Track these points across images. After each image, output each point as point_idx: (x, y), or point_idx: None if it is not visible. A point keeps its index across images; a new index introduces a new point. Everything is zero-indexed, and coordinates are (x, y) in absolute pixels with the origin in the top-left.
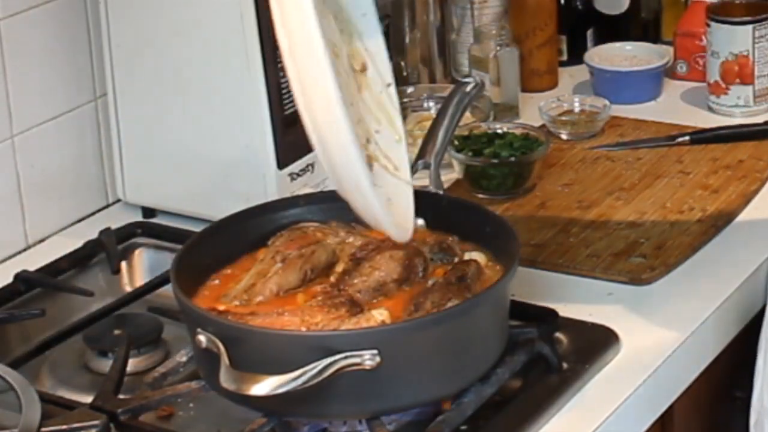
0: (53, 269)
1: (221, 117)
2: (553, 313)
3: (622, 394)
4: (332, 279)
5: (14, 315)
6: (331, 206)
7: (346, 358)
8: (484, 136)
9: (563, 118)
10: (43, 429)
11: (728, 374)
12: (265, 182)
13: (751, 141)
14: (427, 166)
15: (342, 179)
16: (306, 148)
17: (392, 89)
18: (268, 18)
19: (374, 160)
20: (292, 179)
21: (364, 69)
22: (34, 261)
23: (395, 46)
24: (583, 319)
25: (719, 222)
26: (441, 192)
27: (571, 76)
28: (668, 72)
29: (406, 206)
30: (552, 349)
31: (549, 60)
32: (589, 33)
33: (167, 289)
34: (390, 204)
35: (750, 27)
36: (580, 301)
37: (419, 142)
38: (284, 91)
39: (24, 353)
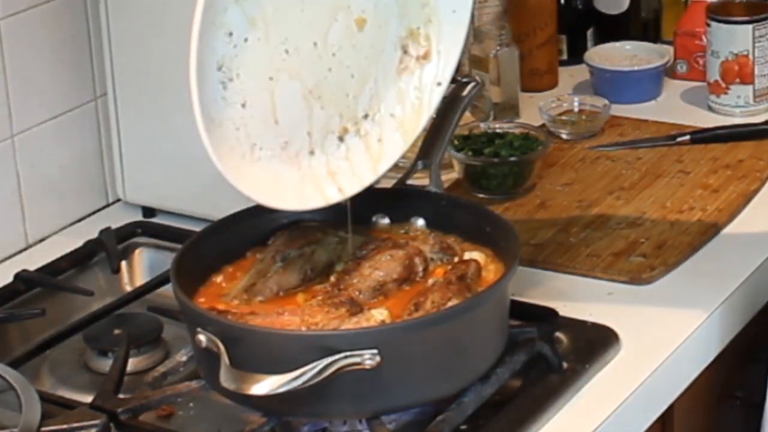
0: (53, 269)
1: None
2: (553, 312)
3: (622, 394)
4: (332, 279)
5: (14, 315)
6: (331, 206)
7: (346, 357)
8: (484, 136)
9: (563, 117)
10: (43, 429)
11: (728, 374)
12: None
13: (751, 141)
14: (427, 166)
15: None
16: None
17: (440, 90)
18: None
19: (347, 132)
20: None
21: (425, 57)
22: (34, 261)
23: None
24: (583, 319)
25: (719, 222)
26: (441, 192)
27: (571, 76)
28: (668, 72)
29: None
30: (552, 348)
31: (549, 60)
32: (589, 33)
33: (167, 289)
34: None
35: (750, 27)
36: (580, 301)
37: (419, 142)
38: None
39: (24, 353)
